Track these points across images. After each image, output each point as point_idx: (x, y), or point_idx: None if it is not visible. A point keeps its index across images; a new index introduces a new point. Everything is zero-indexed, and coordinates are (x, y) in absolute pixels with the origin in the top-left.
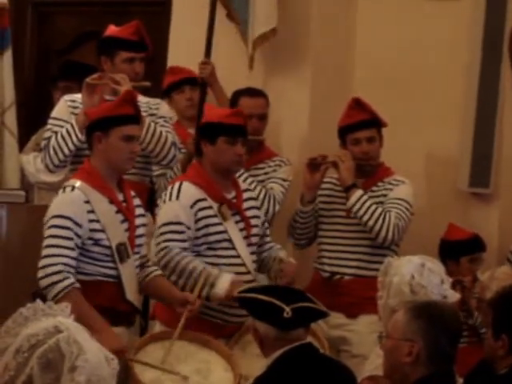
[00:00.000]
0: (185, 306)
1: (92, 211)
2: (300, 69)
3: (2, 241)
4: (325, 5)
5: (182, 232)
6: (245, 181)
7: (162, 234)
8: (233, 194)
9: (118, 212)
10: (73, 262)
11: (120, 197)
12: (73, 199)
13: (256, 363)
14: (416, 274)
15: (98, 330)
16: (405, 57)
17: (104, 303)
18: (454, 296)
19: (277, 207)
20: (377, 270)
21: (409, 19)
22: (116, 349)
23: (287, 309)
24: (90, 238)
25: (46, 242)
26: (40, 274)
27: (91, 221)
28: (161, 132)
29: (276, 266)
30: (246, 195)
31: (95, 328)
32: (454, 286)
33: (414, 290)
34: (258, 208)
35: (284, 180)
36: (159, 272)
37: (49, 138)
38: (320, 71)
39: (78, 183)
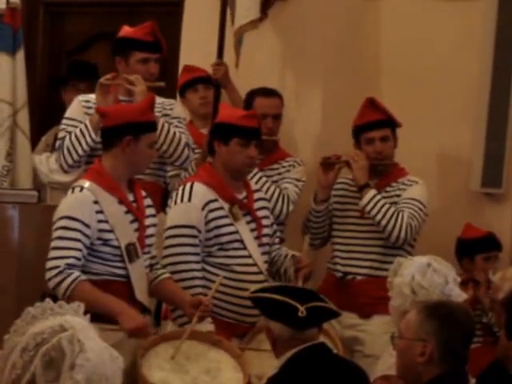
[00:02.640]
0: (196, 308)
1: (101, 211)
2: (313, 68)
3: (15, 241)
4: (338, 5)
5: (194, 236)
6: (258, 181)
7: (173, 236)
8: (244, 194)
9: (127, 212)
10: (78, 263)
11: (130, 197)
12: (81, 200)
13: (269, 363)
14: (417, 274)
15: (118, 311)
16: (417, 57)
17: None
18: (460, 296)
19: (291, 207)
20: None
21: (421, 19)
22: (138, 327)
23: (301, 308)
24: (99, 238)
25: (53, 243)
26: (46, 275)
27: (100, 221)
28: (174, 133)
29: (289, 262)
30: (256, 195)
31: (114, 310)
32: (466, 284)
33: (415, 291)
34: (269, 208)
35: (298, 180)
36: (168, 275)
37: (63, 138)
38: (333, 71)
39: (86, 184)
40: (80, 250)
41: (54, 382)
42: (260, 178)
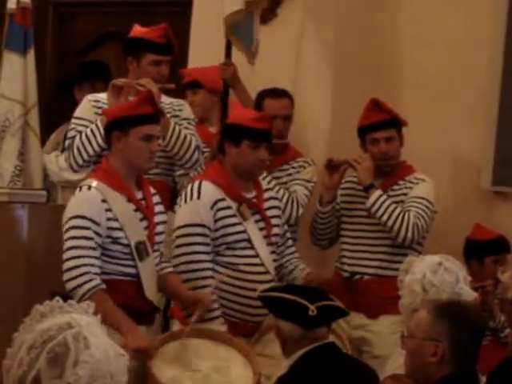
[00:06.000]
0: (196, 305)
1: (109, 210)
2: (323, 68)
3: (24, 240)
4: (349, 5)
5: (205, 235)
6: (268, 184)
7: (184, 235)
8: (253, 193)
9: (136, 210)
10: (97, 262)
11: (139, 195)
12: (89, 198)
13: (277, 362)
14: (428, 272)
15: (125, 330)
16: (428, 57)
17: (124, 302)
18: (470, 295)
19: (300, 211)
20: (398, 270)
21: (431, 19)
22: (142, 348)
23: (312, 307)
24: (109, 237)
25: (67, 244)
26: (65, 277)
27: (109, 219)
28: (185, 135)
29: (299, 273)
30: (267, 195)
31: (122, 329)
32: (475, 290)
33: (426, 289)
34: (280, 208)
35: (308, 181)
36: (171, 269)
37: (73, 138)
38: (345, 72)
39: (94, 183)
40: (95, 249)
41: (58, 378)
42: (269, 181)
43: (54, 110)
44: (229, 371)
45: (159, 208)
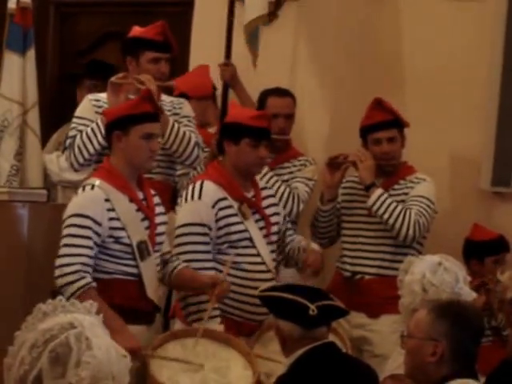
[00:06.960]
0: (214, 287)
1: (112, 209)
2: (325, 68)
3: (24, 240)
4: (349, 5)
5: (205, 234)
6: (269, 180)
7: (184, 234)
8: (252, 192)
9: (138, 210)
10: (90, 261)
11: (140, 195)
12: (92, 198)
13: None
14: (428, 272)
15: (115, 329)
16: (427, 57)
17: (125, 302)
18: (470, 295)
19: (301, 206)
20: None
21: (431, 19)
22: (132, 348)
23: (312, 307)
24: (111, 236)
25: (64, 240)
26: (57, 272)
27: (111, 219)
28: (184, 132)
29: (300, 257)
30: (264, 193)
31: (112, 327)
32: (478, 289)
33: (425, 289)
34: (277, 204)
35: (309, 179)
36: (184, 264)
37: (73, 137)
38: (345, 71)
39: (97, 182)
40: (92, 249)
41: (60, 378)
42: (271, 177)
43: (55, 109)
44: (228, 372)
45: (160, 209)
